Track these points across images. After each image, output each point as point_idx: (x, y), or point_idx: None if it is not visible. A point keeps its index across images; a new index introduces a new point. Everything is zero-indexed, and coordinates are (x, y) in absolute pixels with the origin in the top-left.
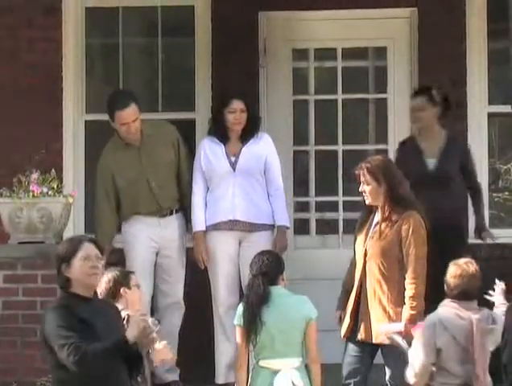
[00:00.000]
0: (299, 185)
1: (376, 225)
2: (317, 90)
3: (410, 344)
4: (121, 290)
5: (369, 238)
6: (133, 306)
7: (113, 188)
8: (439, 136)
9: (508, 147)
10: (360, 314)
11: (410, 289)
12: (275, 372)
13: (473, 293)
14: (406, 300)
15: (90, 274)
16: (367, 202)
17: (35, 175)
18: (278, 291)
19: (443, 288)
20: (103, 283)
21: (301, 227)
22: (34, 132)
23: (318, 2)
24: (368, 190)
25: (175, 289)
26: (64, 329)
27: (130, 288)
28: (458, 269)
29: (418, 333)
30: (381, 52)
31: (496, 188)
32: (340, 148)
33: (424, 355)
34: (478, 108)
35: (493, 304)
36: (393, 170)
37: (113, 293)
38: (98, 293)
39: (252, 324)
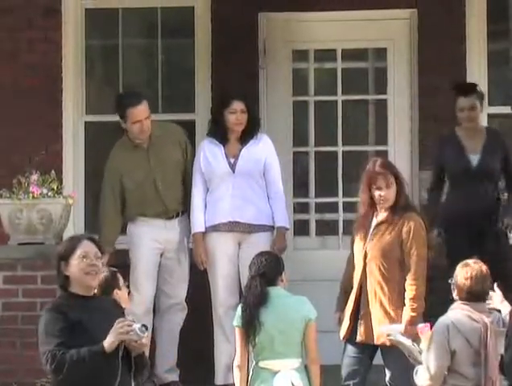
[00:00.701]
0: (299, 186)
1: (376, 227)
2: (317, 91)
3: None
4: (114, 292)
5: (369, 240)
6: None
7: (120, 189)
8: (481, 131)
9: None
10: (360, 315)
11: (410, 291)
12: (275, 373)
13: (485, 295)
14: (407, 301)
15: (88, 272)
16: (385, 205)
17: (34, 176)
18: (277, 292)
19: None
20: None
21: (301, 229)
22: (34, 133)
23: (318, 3)
24: (390, 193)
25: (178, 290)
26: (47, 335)
27: (120, 288)
28: (472, 271)
29: (426, 335)
30: (381, 53)
31: None
32: (339, 149)
33: (440, 358)
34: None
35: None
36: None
37: (107, 294)
38: None
39: (250, 325)
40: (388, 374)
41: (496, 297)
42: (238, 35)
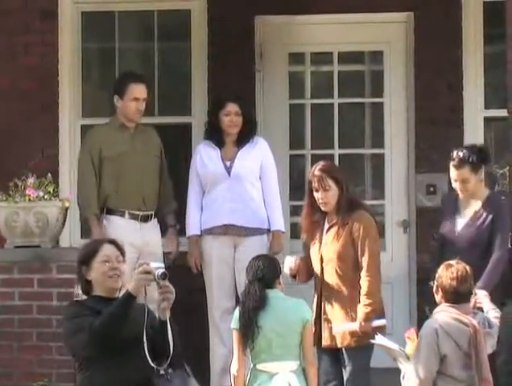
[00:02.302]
0: (296, 189)
1: (327, 230)
2: (313, 94)
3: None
4: None
5: (324, 244)
6: None
7: (99, 158)
8: (480, 196)
9: (504, 151)
10: (323, 319)
11: (364, 287)
12: (273, 376)
13: (470, 295)
14: (361, 298)
15: (110, 276)
16: (326, 209)
17: (31, 179)
18: (275, 294)
19: None
20: None
21: (297, 232)
22: (30, 136)
23: (314, 6)
24: (329, 196)
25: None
26: (73, 319)
27: None
28: (457, 271)
29: (413, 339)
30: (377, 56)
31: None
32: (336, 152)
33: (429, 363)
34: (474, 112)
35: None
36: (343, 172)
37: None
38: None
39: (248, 330)
40: (347, 374)
41: (481, 296)
42: (235, 38)
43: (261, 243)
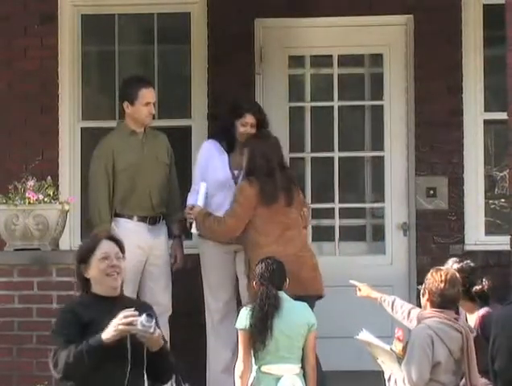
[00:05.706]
0: None
1: None
2: (313, 97)
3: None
4: None
5: None
6: None
7: (112, 169)
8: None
9: (504, 154)
10: None
11: None
12: (278, 378)
13: (456, 301)
14: None
15: (109, 274)
16: None
17: (31, 182)
18: (284, 296)
19: None
20: None
21: None
22: (30, 139)
23: (314, 8)
24: None
25: (162, 297)
26: (54, 334)
27: None
28: (446, 274)
29: (404, 341)
30: (377, 59)
31: (492, 195)
32: (336, 155)
33: (423, 369)
34: (474, 115)
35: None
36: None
37: None
38: None
39: (261, 332)
40: None
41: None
42: (235, 41)
43: None
